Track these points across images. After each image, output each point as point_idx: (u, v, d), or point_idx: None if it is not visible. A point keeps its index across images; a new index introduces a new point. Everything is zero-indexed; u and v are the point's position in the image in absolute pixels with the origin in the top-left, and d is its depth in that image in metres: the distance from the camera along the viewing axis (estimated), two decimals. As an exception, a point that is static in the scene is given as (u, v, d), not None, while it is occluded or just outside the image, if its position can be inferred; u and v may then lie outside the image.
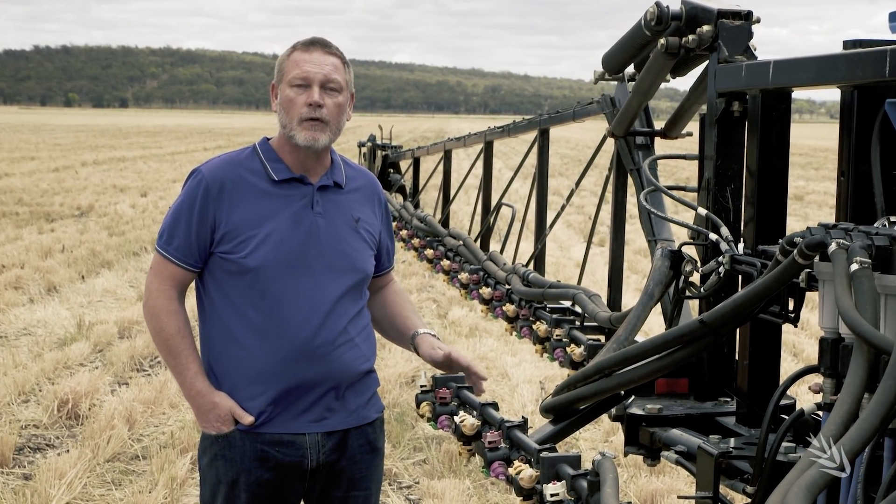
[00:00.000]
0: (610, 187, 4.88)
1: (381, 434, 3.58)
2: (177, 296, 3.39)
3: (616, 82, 4.76)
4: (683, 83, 4.09)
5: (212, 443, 3.38)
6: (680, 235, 3.87)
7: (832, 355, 2.28)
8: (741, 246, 3.15)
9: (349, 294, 3.41)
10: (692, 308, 3.73)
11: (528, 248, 7.11)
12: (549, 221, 6.03)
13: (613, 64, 4.31)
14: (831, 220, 2.54)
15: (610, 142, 4.78)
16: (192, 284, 3.46)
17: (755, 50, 3.29)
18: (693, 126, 4.06)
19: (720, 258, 3.10)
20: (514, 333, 5.25)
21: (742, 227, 3.25)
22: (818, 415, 2.39)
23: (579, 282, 5.28)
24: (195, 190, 3.34)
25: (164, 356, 3.42)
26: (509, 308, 5.29)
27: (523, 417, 3.29)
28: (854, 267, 2.14)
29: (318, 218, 3.37)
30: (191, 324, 3.41)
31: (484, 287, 5.79)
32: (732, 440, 2.88)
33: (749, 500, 2.54)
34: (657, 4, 3.55)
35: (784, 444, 2.47)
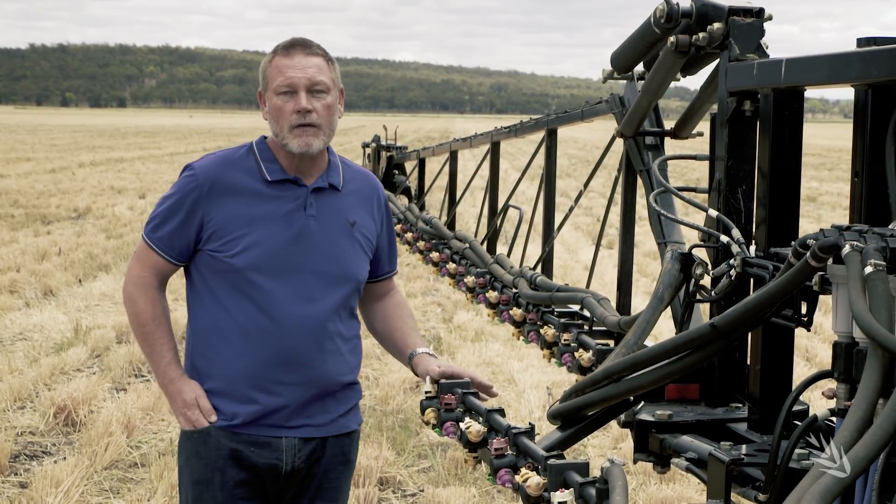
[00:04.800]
0: (619, 188, 4.83)
1: (356, 448, 3.57)
2: (157, 284, 3.38)
3: (625, 81, 4.72)
4: (694, 82, 4.06)
5: (187, 440, 3.38)
6: (690, 238, 3.82)
7: (846, 360, 2.26)
8: (753, 248, 3.12)
9: (339, 300, 3.37)
10: (703, 312, 3.69)
11: (535, 250, 7.06)
12: (556, 223, 5.98)
13: (622, 62, 4.27)
14: (845, 221, 2.51)
15: (619, 142, 4.74)
16: (184, 279, 3.45)
17: (767, 48, 3.25)
18: (704, 126, 4.01)
19: (731, 261, 3.07)
20: (522, 338, 5.20)
21: (754, 229, 3.22)
22: (832, 421, 2.36)
23: (588, 285, 5.24)
24: (186, 186, 3.32)
25: (140, 342, 3.42)
26: (516, 312, 5.24)
27: (530, 424, 3.25)
28: (868, 269, 2.12)
29: (311, 221, 3.34)
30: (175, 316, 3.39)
31: (490, 291, 5.74)
32: (744, 447, 2.85)
33: (761, 509, 2.50)
34: (667, 1, 3.52)
35: (797, 450, 2.44)
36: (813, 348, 9.92)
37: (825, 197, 28.34)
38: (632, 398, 3.20)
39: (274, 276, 3.28)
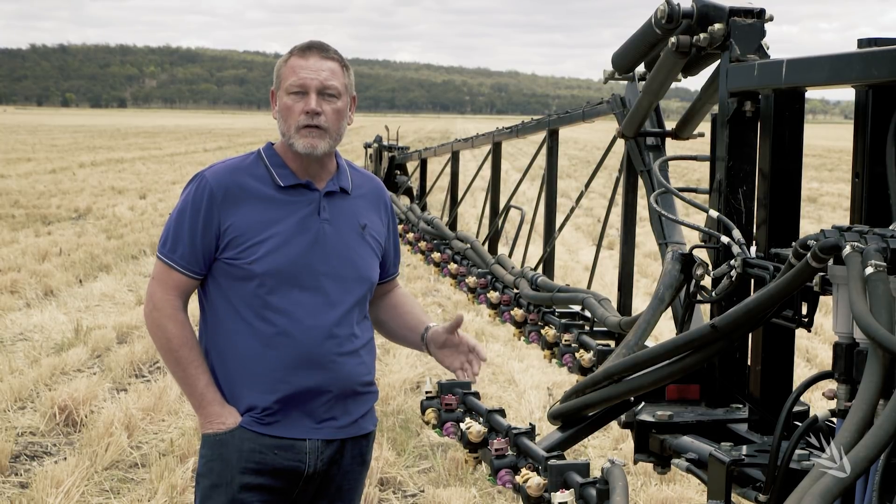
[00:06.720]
0: (620, 189, 4.84)
1: (372, 448, 3.58)
2: (181, 305, 3.35)
3: (626, 82, 4.72)
4: (695, 83, 4.05)
5: (210, 442, 3.36)
6: (691, 238, 3.82)
7: (846, 361, 2.26)
8: (753, 249, 3.11)
9: (354, 302, 3.38)
10: (704, 312, 3.68)
11: (536, 251, 7.06)
12: (557, 224, 5.98)
13: (623, 63, 4.27)
14: (845, 222, 2.50)
15: (620, 143, 4.74)
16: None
17: (768, 49, 3.25)
18: (705, 126, 4.01)
19: (732, 261, 3.06)
20: (523, 338, 5.20)
21: (754, 230, 3.21)
22: (832, 421, 2.36)
23: (589, 285, 5.24)
24: (199, 195, 3.30)
25: (172, 367, 3.37)
26: (517, 312, 5.24)
27: (531, 424, 3.25)
28: (869, 270, 2.12)
29: (325, 224, 3.35)
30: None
31: (492, 291, 5.75)
32: (745, 447, 2.85)
33: (762, 509, 2.49)
34: (668, 2, 3.52)
35: (797, 451, 2.44)
36: (813, 349, 9.91)
37: (826, 198, 28.32)
38: (632, 399, 3.20)
39: (292, 281, 3.28)
